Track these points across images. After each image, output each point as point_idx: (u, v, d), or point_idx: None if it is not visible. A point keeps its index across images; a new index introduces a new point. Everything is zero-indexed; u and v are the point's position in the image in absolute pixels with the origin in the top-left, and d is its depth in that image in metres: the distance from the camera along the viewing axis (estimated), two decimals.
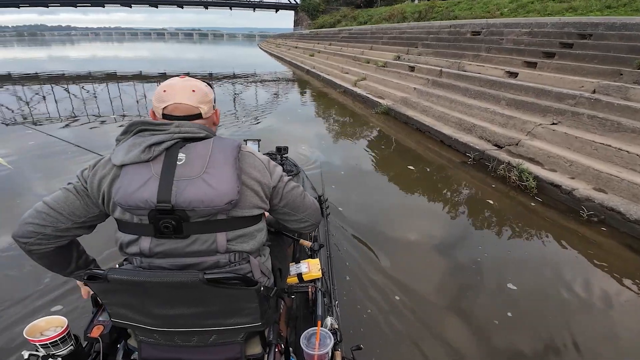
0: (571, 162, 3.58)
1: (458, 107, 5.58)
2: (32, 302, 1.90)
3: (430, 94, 6.36)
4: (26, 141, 4.79)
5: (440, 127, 5.32)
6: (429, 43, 9.11)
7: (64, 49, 33.48)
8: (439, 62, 7.54)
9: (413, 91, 6.91)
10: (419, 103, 6.27)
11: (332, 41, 17.44)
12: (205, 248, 0.85)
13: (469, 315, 1.94)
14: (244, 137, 2.30)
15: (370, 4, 30.44)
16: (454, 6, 12.90)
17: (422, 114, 6.02)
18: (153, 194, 0.77)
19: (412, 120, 5.91)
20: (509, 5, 10.17)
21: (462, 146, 4.66)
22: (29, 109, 6.93)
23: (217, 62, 21.32)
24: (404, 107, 6.59)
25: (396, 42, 10.76)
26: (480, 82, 5.87)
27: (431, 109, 5.88)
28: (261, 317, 0.86)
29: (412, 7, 16.76)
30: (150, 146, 0.81)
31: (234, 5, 57.73)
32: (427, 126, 5.48)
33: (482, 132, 4.73)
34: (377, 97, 7.59)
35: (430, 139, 5.33)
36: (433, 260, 2.45)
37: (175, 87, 0.90)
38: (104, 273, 0.76)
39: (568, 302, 2.09)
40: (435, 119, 5.69)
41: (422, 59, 8.26)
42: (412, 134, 5.61)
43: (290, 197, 0.99)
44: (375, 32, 14.69)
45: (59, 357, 0.94)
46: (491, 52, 6.83)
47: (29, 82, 10.62)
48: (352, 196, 3.39)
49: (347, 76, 10.22)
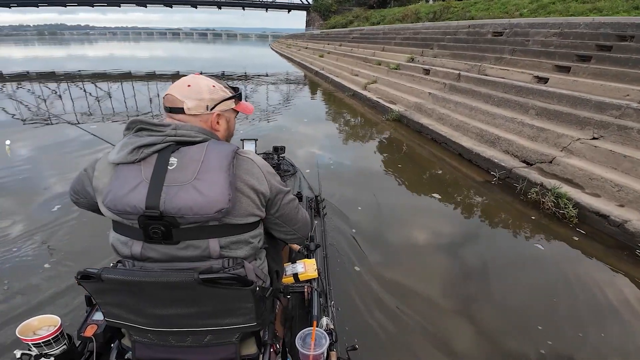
0: (619, 186, 2.98)
1: (479, 116, 4.99)
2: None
3: (447, 100, 5.78)
4: (43, 136, 4.90)
5: (459, 138, 4.74)
6: (446, 44, 8.50)
7: (82, 48, 34.75)
8: (457, 65, 6.94)
9: (428, 96, 6.33)
10: (435, 110, 5.70)
11: (342, 42, 16.91)
12: (197, 254, 0.82)
13: (472, 323, 1.86)
14: (241, 137, 2.29)
15: (383, 5, 29.91)
16: (471, 6, 12.35)
17: (438, 123, 5.45)
18: (142, 199, 0.75)
19: (427, 130, 5.34)
20: (528, 5, 9.67)
21: (485, 162, 4.08)
22: (46, 106, 7.11)
23: (230, 62, 21.35)
24: (418, 113, 6.02)
25: (410, 43, 10.17)
26: (504, 88, 5.27)
27: (448, 117, 5.30)
28: (257, 317, 0.84)
29: (426, 7, 16.40)
30: (139, 147, 0.80)
31: (246, 6, 58.03)
32: (443, 136, 4.91)
33: (507, 146, 4.15)
34: (388, 102, 7.04)
35: (447, 151, 4.75)
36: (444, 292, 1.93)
37: (178, 81, 0.91)
38: (98, 272, 0.74)
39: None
40: (452, 129, 5.11)
41: (438, 62, 7.66)
42: (426, 145, 5.04)
43: (285, 210, 0.97)
44: (388, 32, 14.11)
45: (51, 357, 0.94)
46: (516, 55, 6.20)
47: (46, 80, 10.83)
48: (356, 216, 2.87)
49: (357, 79, 9.68)
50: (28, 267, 2.19)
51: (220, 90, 0.93)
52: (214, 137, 0.91)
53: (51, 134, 5.23)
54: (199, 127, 0.87)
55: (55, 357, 0.94)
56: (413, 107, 6.29)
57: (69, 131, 5.16)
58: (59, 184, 3.45)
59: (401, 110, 6.27)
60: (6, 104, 7.21)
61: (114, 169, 0.81)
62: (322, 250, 1.82)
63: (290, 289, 1.20)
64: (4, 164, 3.87)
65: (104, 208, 0.80)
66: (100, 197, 0.82)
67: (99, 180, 0.84)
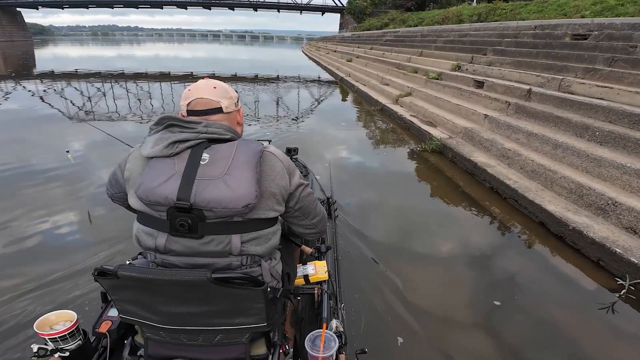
0: None
1: (570, 159, 3.24)
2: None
3: (513, 128, 4.03)
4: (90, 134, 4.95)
5: (539, 194, 3.02)
6: (504, 49, 6.66)
7: (131, 49, 38.46)
8: (524, 77, 5.13)
9: (483, 120, 4.60)
10: (494, 142, 3.98)
11: (374, 45, 15.23)
12: (219, 249, 0.84)
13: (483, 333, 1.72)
14: (256, 139, 2.01)
15: (421, 7, 28.01)
16: (521, 8, 11.13)
17: (501, 163, 3.73)
18: (174, 191, 0.78)
19: (483, 173, 3.64)
20: (591, 7, 8.32)
21: (594, 248, 2.36)
22: (91, 105, 7.43)
23: (265, 64, 21.26)
24: (469, 144, 4.31)
25: (455, 47, 8.37)
26: (609, 115, 3.47)
27: (517, 156, 3.57)
28: (267, 318, 0.84)
29: (469, 9, 15.61)
30: (174, 142, 0.83)
31: (281, 8, 58.01)
32: (511, 189, 3.20)
33: (634, 219, 2.40)
34: (425, 124, 5.36)
35: (518, 214, 3.05)
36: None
37: (199, 86, 0.96)
38: (114, 269, 0.75)
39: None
40: (526, 177, 3.38)
41: (494, 71, 5.87)
42: (484, 198, 3.35)
43: (305, 202, 0.99)
44: (427, 34, 12.33)
45: (67, 351, 0.95)
46: (617, 66, 4.33)
47: (93, 79, 11.58)
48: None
49: (387, 89, 8.03)
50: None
51: (232, 89, 1.01)
52: (237, 133, 0.96)
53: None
54: (227, 125, 0.92)
55: (70, 351, 0.95)
56: (461, 134, 4.59)
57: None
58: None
59: (444, 138, 4.59)
60: (55, 101, 7.64)
61: (147, 162, 0.85)
62: (334, 252, 1.76)
63: (300, 291, 1.20)
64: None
65: (135, 198, 0.84)
66: (132, 188, 0.86)
67: (130, 172, 0.88)
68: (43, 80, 11.13)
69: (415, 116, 5.84)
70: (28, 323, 1.65)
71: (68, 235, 2.57)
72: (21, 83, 10.30)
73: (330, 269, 1.37)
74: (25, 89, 9.40)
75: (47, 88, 9.45)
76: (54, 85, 9.95)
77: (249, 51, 40.88)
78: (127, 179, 0.88)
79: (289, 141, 5.07)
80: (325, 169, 3.86)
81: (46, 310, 0.99)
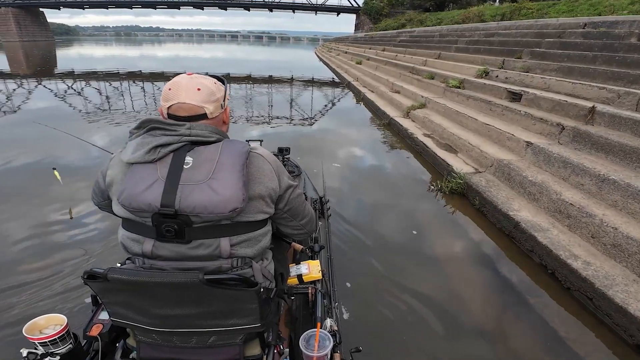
0: None
1: None
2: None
3: (572, 166, 2.75)
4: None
5: (632, 294, 1.75)
6: (546, 52, 5.31)
7: (152, 49, 40.19)
8: (581, 90, 3.82)
9: (524, 149, 3.32)
10: (545, 187, 2.71)
11: (386, 45, 13.93)
12: (208, 253, 0.82)
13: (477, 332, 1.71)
14: (247, 139, 1.85)
15: (440, 8, 26.51)
16: (549, 8, 10.41)
17: (557, 224, 2.46)
18: (157, 197, 0.76)
19: (530, 240, 2.37)
20: (628, 7, 7.46)
21: None
22: (109, 104, 7.39)
23: (280, 65, 21.04)
24: (505, 187, 3.06)
25: (480, 49, 7.04)
26: None
27: (584, 216, 2.30)
28: (261, 318, 0.83)
29: (492, 9, 14.58)
30: (156, 147, 0.80)
31: (296, 8, 57.53)
32: (581, 277, 1.94)
33: None
34: (442, 148, 4.11)
35: (596, 321, 1.79)
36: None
37: (180, 85, 0.86)
38: (104, 272, 0.74)
39: None
40: (604, 254, 2.11)
41: (535, 80, 4.55)
42: (528, 283, 2.10)
43: (294, 204, 0.97)
44: (447, 34, 10.99)
45: (57, 356, 0.94)
46: None
47: (110, 79, 11.68)
48: None
49: (397, 98, 6.78)
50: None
51: (219, 84, 0.92)
52: (224, 134, 0.90)
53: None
54: (212, 127, 0.87)
55: (61, 356, 0.94)
56: (493, 169, 3.32)
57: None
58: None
59: (468, 173, 3.33)
60: (73, 100, 7.75)
61: (129, 167, 0.81)
62: (327, 251, 1.76)
63: (294, 290, 1.20)
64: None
65: (118, 206, 0.82)
66: (114, 195, 0.83)
67: (112, 179, 0.85)
68: (64, 80, 11.29)
69: (430, 136, 4.59)
70: (17, 323, 1.61)
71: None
72: (42, 82, 10.69)
73: (324, 268, 1.38)
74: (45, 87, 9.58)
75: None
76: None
77: (263, 52, 40.95)
78: (109, 185, 0.85)
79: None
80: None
81: (34, 315, 0.96)
